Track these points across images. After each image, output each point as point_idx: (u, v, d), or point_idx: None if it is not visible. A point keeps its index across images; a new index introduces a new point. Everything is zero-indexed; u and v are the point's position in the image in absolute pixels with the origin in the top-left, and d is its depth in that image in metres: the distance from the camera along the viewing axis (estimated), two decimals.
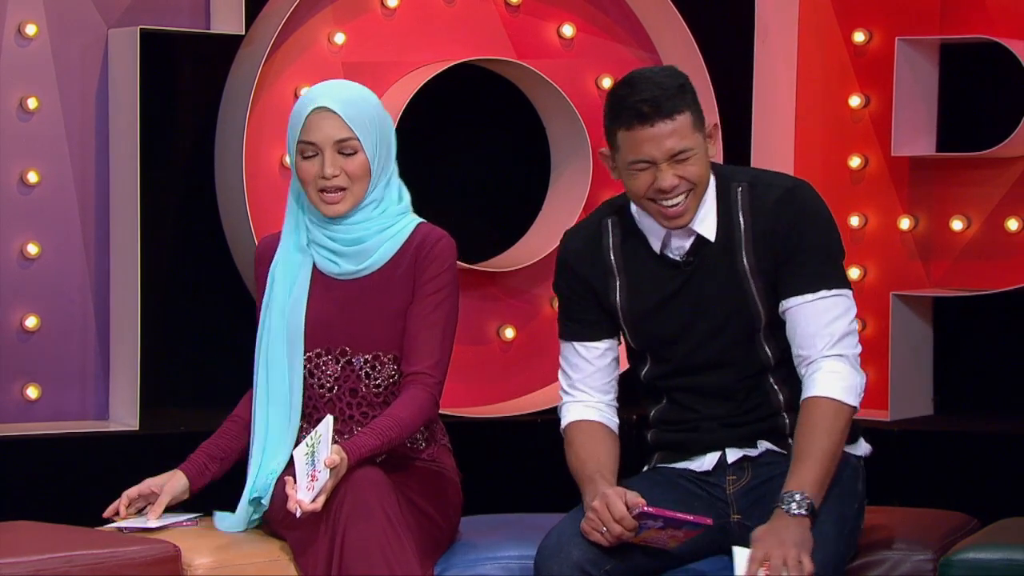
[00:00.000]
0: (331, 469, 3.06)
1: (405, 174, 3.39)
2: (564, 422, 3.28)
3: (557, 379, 4.88)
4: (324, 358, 3.30)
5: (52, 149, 4.45)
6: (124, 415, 4.41)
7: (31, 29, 4.42)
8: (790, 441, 3.15)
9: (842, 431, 3.09)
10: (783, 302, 3.14)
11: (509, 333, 4.88)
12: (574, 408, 3.27)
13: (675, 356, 3.21)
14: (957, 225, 4.75)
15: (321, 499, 3.07)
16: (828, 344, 3.11)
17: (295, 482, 3.09)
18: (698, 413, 3.22)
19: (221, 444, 3.38)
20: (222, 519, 3.32)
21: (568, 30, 4.90)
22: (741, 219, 3.14)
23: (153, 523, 3.27)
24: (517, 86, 4.89)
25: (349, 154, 3.24)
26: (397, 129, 4.51)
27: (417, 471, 3.31)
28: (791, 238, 3.12)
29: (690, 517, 3.01)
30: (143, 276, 4.38)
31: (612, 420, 3.29)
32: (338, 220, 3.27)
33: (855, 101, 4.86)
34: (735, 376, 3.18)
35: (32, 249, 4.44)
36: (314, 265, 3.31)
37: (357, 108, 3.25)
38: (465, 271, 4.71)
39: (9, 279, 4.41)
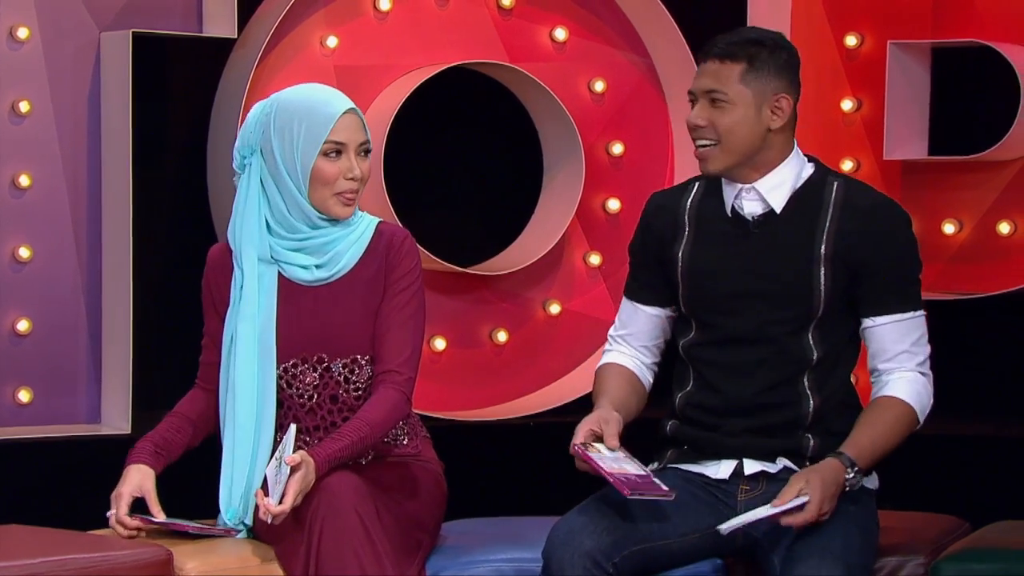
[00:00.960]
0: (291, 467, 3.07)
1: (398, 177, 3.39)
2: (599, 364, 3.38)
3: (549, 383, 4.96)
4: (301, 367, 3.29)
5: (44, 152, 4.44)
6: (116, 419, 4.40)
7: (23, 32, 4.42)
8: (810, 458, 3.17)
9: (903, 435, 3.20)
10: (869, 319, 3.20)
11: (501, 336, 4.88)
12: (612, 355, 3.37)
13: (721, 323, 3.21)
14: (949, 228, 4.75)
15: (288, 500, 3.07)
16: (916, 362, 3.21)
17: (266, 493, 3.10)
18: (725, 398, 3.20)
19: (167, 438, 3.36)
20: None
21: (561, 33, 4.90)
22: (831, 208, 3.19)
23: (180, 522, 3.28)
24: (510, 89, 4.90)
25: (366, 156, 3.30)
26: (389, 133, 4.55)
27: (398, 467, 3.31)
28: (881, 250, 3.17)
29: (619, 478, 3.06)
30: (135, 280, 4.37)
31: (645, 374, 3.36)
32: (313, 230, 3.27)
33: (847, 105, 4.86)
34: (772, 364, 3.18)
35: (24, 253, 4.43)
36: (279, 274, 3.30)
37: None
38: (458, 274, 4.71)
39: (0, 283, 4.40)
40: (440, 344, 4.77)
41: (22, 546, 3.22)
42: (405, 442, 3.34)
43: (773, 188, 3.20)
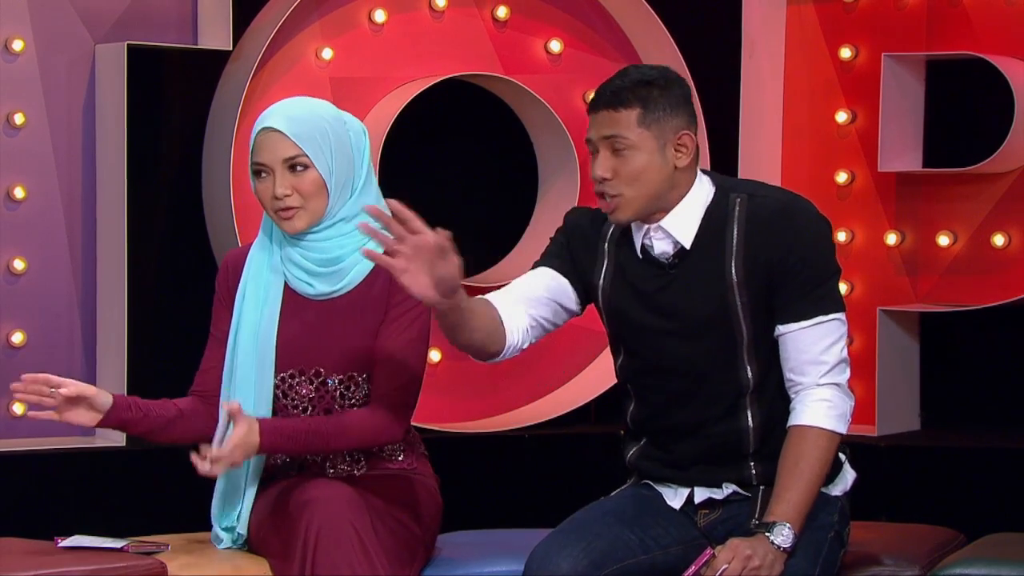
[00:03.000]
0: (230, 415, 3.08)
1: (393, 188, 3.38)
2: None
3: (543, 395, 4.95)
4: (297, 379, 3.28)
5: (39, 164, 4.44)
6: (110, 431, 4.39)
7: (18, 44, 4.42)
8: (755, 484, 3.14)
9: (828, 460, 3.09)
10: (778, 327, 3.10)
11: None
12: (489, 297, 3.18)
13: (648, 355, 3.16)
14: (943, 240, 4.76)
15: (227, 447, 3.07)
16: (822, 373, 3.09)
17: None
18: (670, 421, 3.16)
19: (151, 405, 3.29)
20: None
21: (555, 45, 4.90)
22: (735, 230, 3.10)
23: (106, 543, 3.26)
24: (505, 101, 4.90)
25: (300, 171, 3.20)
26: (385, 144, 4.55)
27: (394, 480, 3.30)
28: (787, 258, 3.08)
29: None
30: (130, 292, 4.37)
31: (512, 324, 3.16)
32: (308, 237, 3.24)
33: (842, 117, 4.87)
34: (708, 393, 3.12)
35: (18, 264, 4.43)
36: (286, 284, 3.29)
37: (305, 124, 3.20)
38: None
39: None
40: (435, 356, 4.77)
41: (16, 559, 3.21)
42: (401, 458, 3.33)
43: (679, 224, 3.11)
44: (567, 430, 4.78)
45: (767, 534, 3.02)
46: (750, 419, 3.13)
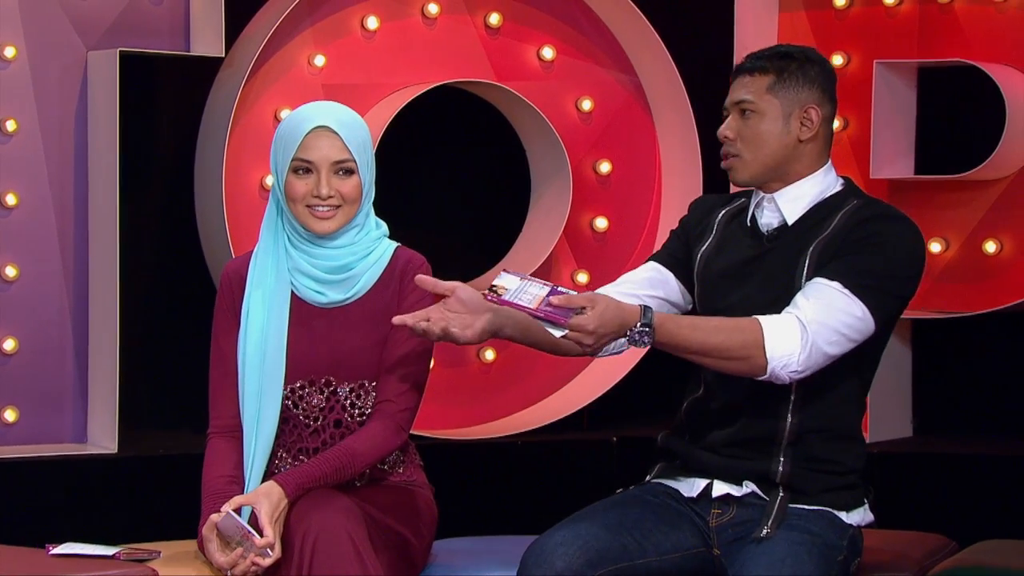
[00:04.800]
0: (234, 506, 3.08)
1: (386, 196, 3.39)
2: None
3: (536, 402, 4.95)
4: (308, 389, 3.28)
5: (31, 171, 4.44)
6: (102, 438, 4.40)
7: (10, 51, 4.42)
8: (778, 484, 3.13)
9: (731, 354, 3.01)
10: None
11: (489, 355, 4.88)
12: None
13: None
14: (935, 247, 4.76)
15: (269, 531, 3.06)
16: (803, 313, 3.04)
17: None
18: (722, 402, 3.17)
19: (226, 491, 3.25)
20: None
21: (548, 52, 4.91)
22: (836, 222, 3.15)
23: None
24: (497, 108, 4.90)
25: (344, 176, 3.24)
26: (377, 151, 4.55)
27: (391, 491, 3.30)
28: (856, 241, 3.10)
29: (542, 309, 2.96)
30: (122, 298, 4.37)
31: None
32: (322, 245, 3.25)
33: (834, 124, 4.87)
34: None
35: (10, 271, 4.43)
36: (292, 294, 3.28)
37: (354, 131, 3.25)
38: None
39: None
40: None
41: (6, 566, 3.21)
42: (401, 470, 3.34)
43: (791, 200, 3.19)
44: (559, 437, 4.78)
45: (639, 323, 2.97)
46: (790, 413, 3.14)
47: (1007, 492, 4.42)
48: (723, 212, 3.30)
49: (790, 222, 3.18)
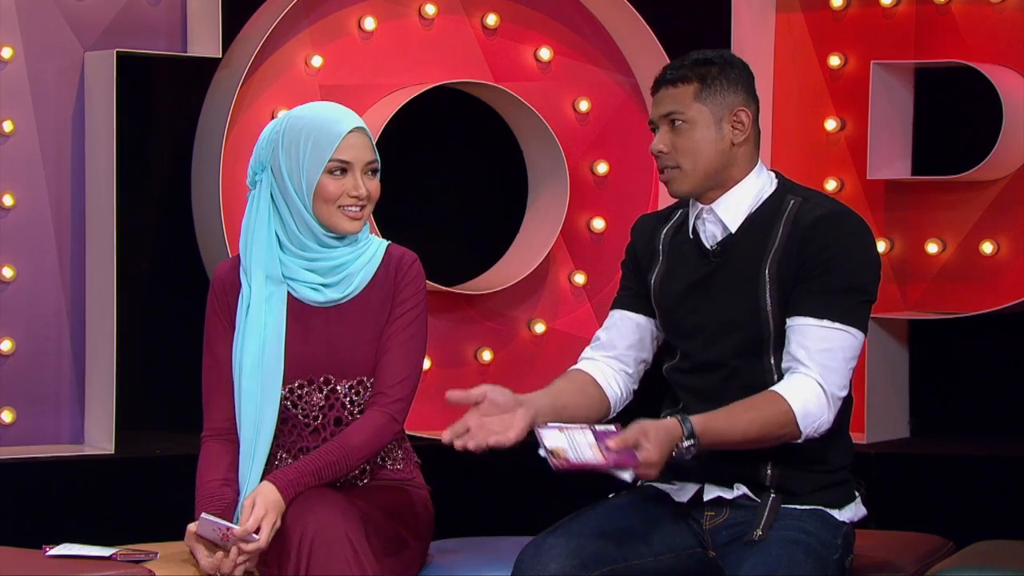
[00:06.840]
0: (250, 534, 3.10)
1: (383, 196, 3.40)
2: None
3: None
4: (307, 389, 3.28)
5: (27, 172, 4.44)
6: (99, 439, 4.40)
7: (7, 52, 4.41)
8: (768, 487, 3.13)
9: (769, 434, 3.04)
10: (789, 319, 3.11)
11: (487, 356, 4.88)
12: (579, 363, 3.32)
13: (689, 349, 3.19)
14: (932, 248, 4.76)
15: (264, 534, 3.08)
16: (814, 370, 3.07)
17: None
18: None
19: (220, 503, 3.25)
20: None
21: (545, 53, 4.91)
22: (781, 229, 3.14)
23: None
24: (494, 109, 4.90)
25: (371, 176, 3.30)
26: None
27: (389, 491, 3.31)
28: (819, 259, 3.09)
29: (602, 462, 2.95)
30: (119, 299, 4.37)
31: (610, 381, 3.28)
32: (327, 245, 3.27)
33: (831, 125, 4.88)
34: (734, 389, 3.12)
35: (7, 272, 4.43)
36: (288, 294, 3.29)
37: (372, 133, 3.34)
38: (443, 294, 4.71)
39: None
40: (425, 363, 4.76)
41: (3, 567, 3.21)
42: (400, 466, 3.35)
43: (729, 208, 3.17)
44: None
45: (683, 437, 2.97)
46: None
47: (1004, 492, 4.42)
48: (665, 230, 3.27)
49: (733, 230, 3.17)
